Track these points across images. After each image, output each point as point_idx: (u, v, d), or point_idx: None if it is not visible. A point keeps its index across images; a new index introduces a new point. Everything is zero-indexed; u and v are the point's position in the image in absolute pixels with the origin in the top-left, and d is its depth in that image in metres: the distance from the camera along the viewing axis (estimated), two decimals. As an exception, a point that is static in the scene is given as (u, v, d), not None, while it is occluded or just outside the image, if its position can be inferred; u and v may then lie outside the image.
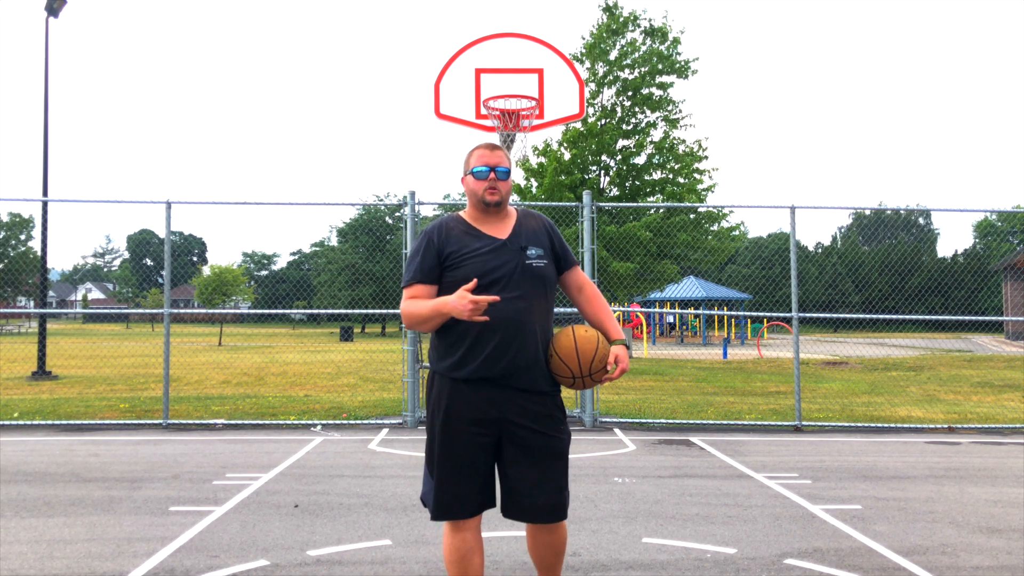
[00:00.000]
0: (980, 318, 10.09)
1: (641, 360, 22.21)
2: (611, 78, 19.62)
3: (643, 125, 19.97)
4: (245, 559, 3.95)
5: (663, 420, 9.03)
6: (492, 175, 2.91)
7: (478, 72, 8.74)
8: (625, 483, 5.77)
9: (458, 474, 2.84)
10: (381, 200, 50.55)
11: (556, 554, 2.99)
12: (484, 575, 2.98)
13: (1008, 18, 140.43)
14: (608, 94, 19.89)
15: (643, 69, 19.43)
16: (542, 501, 2.84)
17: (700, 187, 19.68)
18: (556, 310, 3.85)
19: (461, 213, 3.04)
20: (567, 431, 2.95)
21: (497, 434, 2.86)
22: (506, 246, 2.87)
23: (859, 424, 8.86)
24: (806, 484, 5.79)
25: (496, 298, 2.70)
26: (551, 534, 2.94)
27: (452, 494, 2.84)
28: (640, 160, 19.96)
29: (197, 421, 8.82)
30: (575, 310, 3.13)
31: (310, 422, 8.73)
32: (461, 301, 2.67)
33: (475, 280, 2.74)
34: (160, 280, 72.58)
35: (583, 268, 8.96)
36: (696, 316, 38.93)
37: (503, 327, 2.78)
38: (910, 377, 15.91)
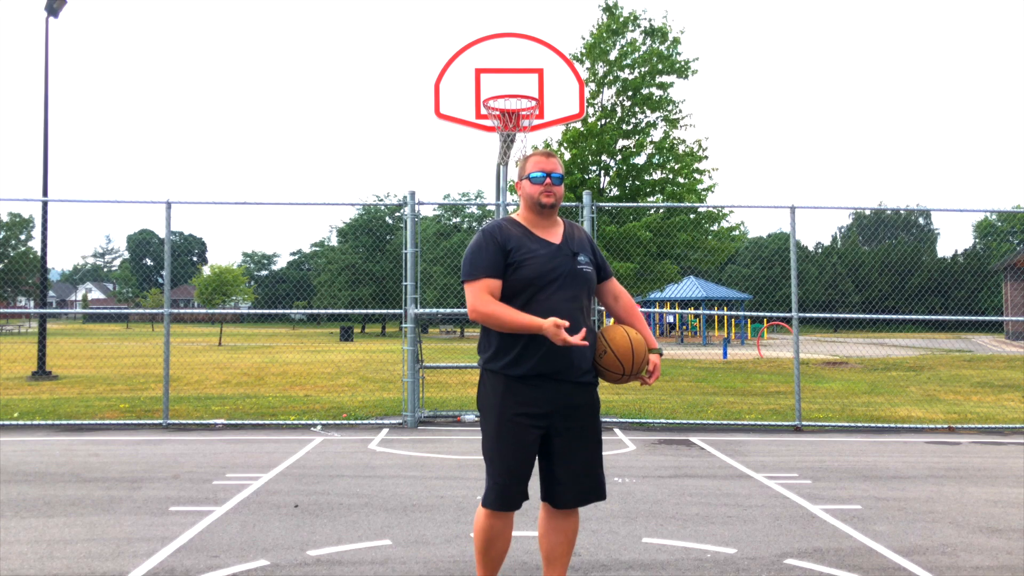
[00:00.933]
0: (980, 318, 10.08)
1: (641, 360, 22.18)
2: (611, 78, 19.62)
3: (643, 125, 19.97)
4: (245, 559, 3.95)
5: (663, 420, 9.03)
6: (548, 180, 3.09)
7: (478, 72, 8.74)
8: (625, 483, 5.77)
9: (520, 469, 3.00)
10: (381, 200, 50.58)
11: (569, 542, 3.12)
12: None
13: (1008, 18, 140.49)
14: (608, 94, 19.90)
15: (643, 69, 19.44)
16: (589, 483, 3.06)
17: (700, 187, 19.68)
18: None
19: (514, 216, 3.20)
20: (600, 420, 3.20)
21: (547, 427, 3.02)
22: (560, 250, 3.08)
23: (859, 424, 8.86)
24: (806, 484, 5.79)
25: (585, 343, 2.87)
26: (568, 519, 3.11)
27: (517, 488, 3.01)
28: (640, 160, 19.96)
29: (197, 421, 8.82)
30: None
31: (310, 422, 8.73)
32: (556, 331, 2.83)
33: (567, 324, 2.87)
34: (160, 280, 72.61)
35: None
36: (696, 316, 38.92)
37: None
38: (910, 377, 15.91)
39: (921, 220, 64.95)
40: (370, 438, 7.82)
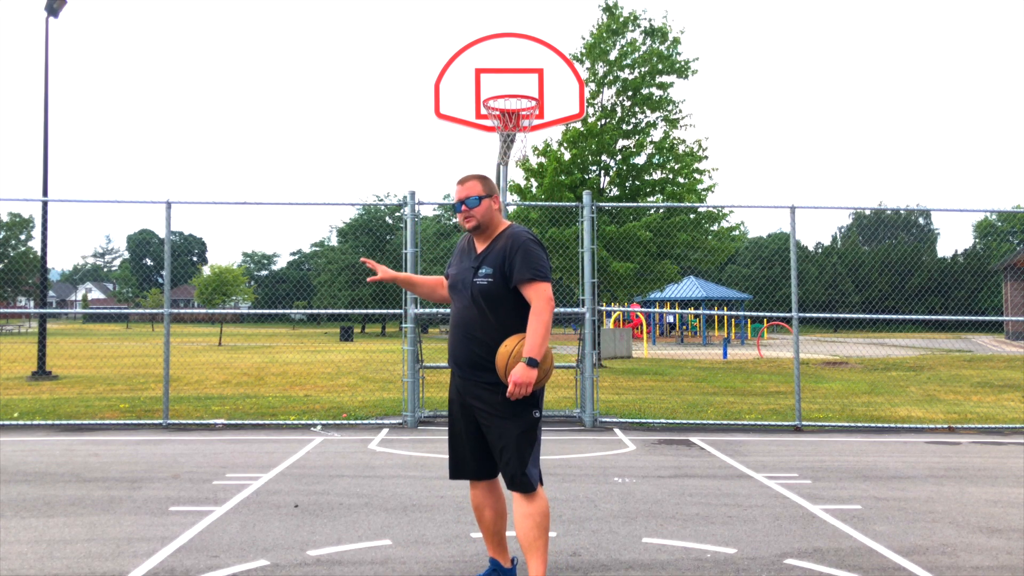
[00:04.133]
0: (980, 318, 10.08)
1: (641, 360, 22.21)
2: (611, 78, 19.60)
3: (643, 125, 19.95)
4: (245, 559, 3.95)
5: (663, 420, 9.03)
6: (464, 207, 3.44)
7: (478, 72, 8.73)
8: (625, 483, 5.77)
9: (454, 442, 3.54)
10: (381, 200, 50.58)
11: (536, 526, 3.28)
12: (502, 526, 3.55)
13: (1008, 18, 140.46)
14: (608, 94, 19.88)
15: (643, 69, 19.41)
16: (508, 473, 3.33)
17: (700, 187, 19.66)
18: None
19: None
20: (528, 415, 3.36)
21: (471, 414, 3.44)
22: (472, 262, 3.46)
23: (859, 424, 8.86)
24: (806, 484, 5.79)
25: (373, 266, 3.72)
26: (525, 504, 3.32)
27: (454, 458, 3.54)
28: (640, 160, 19.93)
29: (197, 421, 8.82)
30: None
31: (310, 422, 8.73)
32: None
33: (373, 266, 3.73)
34: (160, 280, 72.58)
35: (583, 268, 8.99)
36: (696, 316, 38.93)
37: (456, 329, 3.45)
38: (910, 377, 15.91)
39: (921, 220, 64.95)
40: (370, 438, 7.82)
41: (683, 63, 19.54)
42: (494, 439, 3.36)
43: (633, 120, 19.96)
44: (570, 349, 21.89)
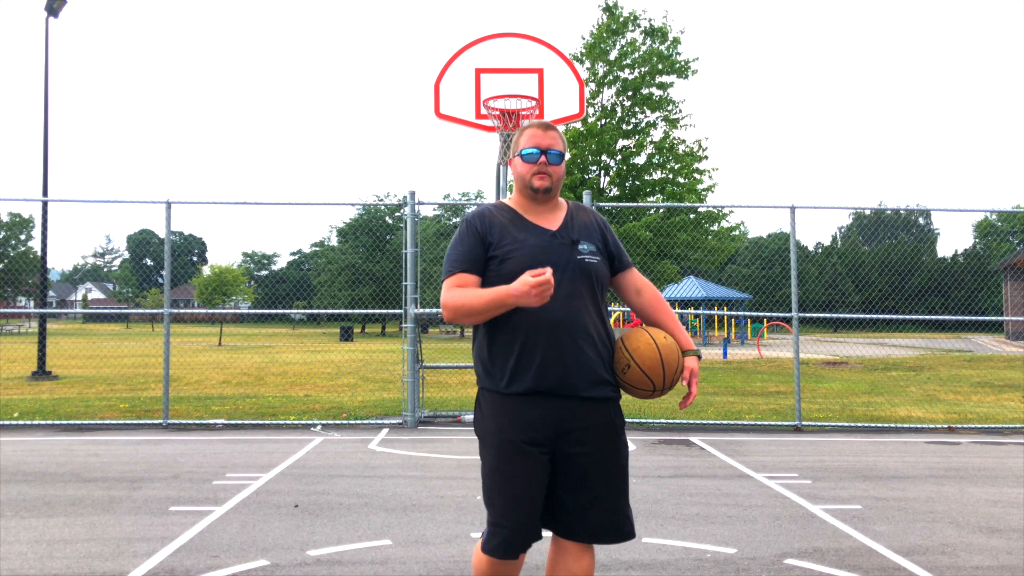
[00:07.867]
0: (980, 318, 10.08)
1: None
2: (611, 78, 19.61)
3: (643, 125, 19.96)
4: (245, 559, 3.95)
5: (663, 420, 9.03)
6: (543, 158, 2.56)
7: (478, 72, 8.74)
8: (625, 483, 5.76)
9: (527, 507, 2.49)
10: (381, 200, 50.59)
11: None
12: None
13: (1008, 18, 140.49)
14: (608, 94, 19.89)
15: (643, 69, 19.43)
16: (604, 518, 2.51)
17: (700, 187, 19.67)
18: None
19: (506, 200, 2.70)
20: (626, 441, 2.63)
21: (551, 451, 2.51)
22: (556, 238, 2.56)
23: (859, 424, 8.86)
24: (806, 484, 5.79)
25: (545, 277, 2.31)
26: (580, 560, 2.54)
27: (520, 527, 2.48)
28: (640, 160, 19.95)
29: (197, 421, 8.82)
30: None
31: (310, 422, 8.73)
32: (523, 286, 2.30)
33: (549, 269, 2.34)
34: (160, 280, 72.56)
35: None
36: (696, 316, 38.93)
37: (556, 330, 2.46)
38: (910, 377, 15.90)
39: (921, 220, 64.93)
40: (370, 438, 7.82)
41: (683, 63, 19.55)
42: (600, 476, 2.50)
43: (633, 120, 19.97)
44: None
